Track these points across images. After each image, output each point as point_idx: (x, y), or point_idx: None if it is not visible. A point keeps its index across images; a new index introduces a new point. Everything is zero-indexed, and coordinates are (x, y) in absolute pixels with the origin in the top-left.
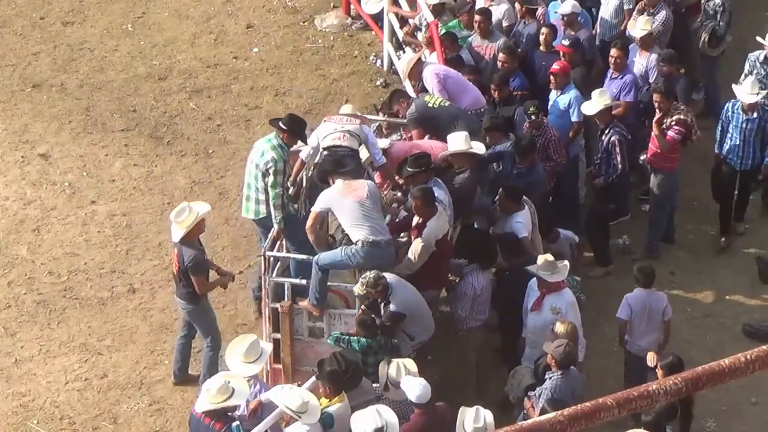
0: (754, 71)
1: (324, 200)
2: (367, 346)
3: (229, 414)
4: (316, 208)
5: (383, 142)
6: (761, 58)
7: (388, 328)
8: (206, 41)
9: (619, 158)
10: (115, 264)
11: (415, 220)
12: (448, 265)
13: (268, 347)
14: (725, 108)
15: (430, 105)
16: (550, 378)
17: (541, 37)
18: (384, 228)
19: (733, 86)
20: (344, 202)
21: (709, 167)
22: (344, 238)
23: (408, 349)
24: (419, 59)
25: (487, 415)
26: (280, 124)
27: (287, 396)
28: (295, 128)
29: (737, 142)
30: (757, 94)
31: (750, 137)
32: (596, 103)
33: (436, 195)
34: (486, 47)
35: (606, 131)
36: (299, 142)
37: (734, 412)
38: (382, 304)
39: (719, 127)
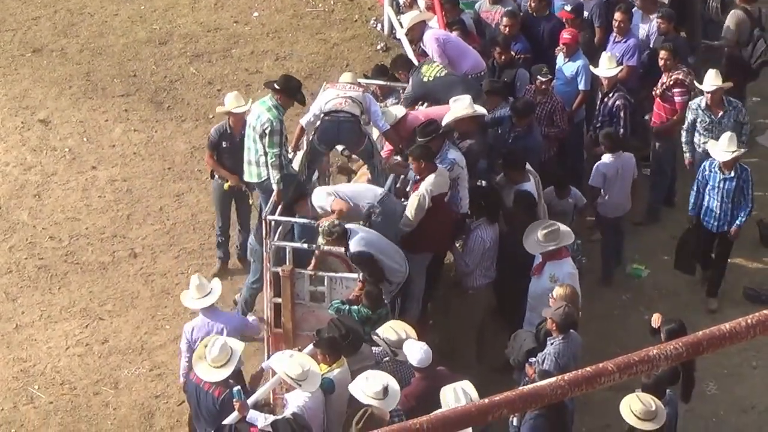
0: (698, 119)
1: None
2: (366, 317)
3: (229, 380)
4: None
5: (399, 110)
6: (703, 104)
7: (371, 274)
8: (206, 5)
9: (622, 122)
10: (116, 229)
11: (416, 177)
12: (447, 229)
13: (217, 285)
14: (701, 168)
15: (425, 80)
16: (552, 343)
17: (528, 3)
18: None
19: (708, 145)
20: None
21: None
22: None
23: (387, 294)
24: (424, 21)
25: (466, 388)
26: (275, 85)
27: (287, 363)
28: (290, 88)
29: (715, 204)
30: (734, 151)
31: (728, 198)
32: (608, 67)
33: (452, 157)
34: (495, 12)
35: (610, 94)
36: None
37: (735, 375)
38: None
39: (694, 188)
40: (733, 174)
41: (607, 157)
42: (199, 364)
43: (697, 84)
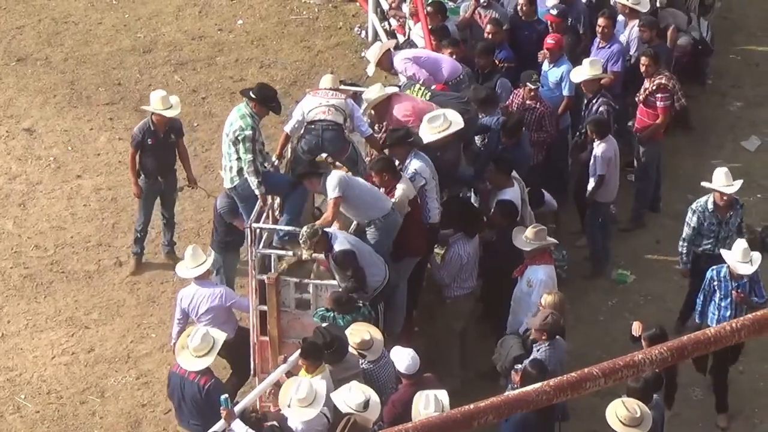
0: (706, 223)
1: (337, 182)
2: (352, 320)
3: (212, 370)
4: (337, 194)
5: (389, 89)
6: (710, 206)
7: (354, 273)
8: (191, 13)
9: None
10: (101, 237)
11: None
12: (422, 232)
13: (211, 256)
14: (709, 276)
15: None
16: (538, 350)
17: (518, 7)
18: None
19: (722, 252)
20: (356, 180)
21: (694, 136)
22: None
23: (365, 298)
24: (388, 50)
25: (439, 395)
26: (250, 93)
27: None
28: (264, 97)
29: (728, 312)
30: (750, 262)
31: (742, 302)
32: (586, 71)
33: (415, 168)
34: (484, 16)
35: (594, 101)
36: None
37: None
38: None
39: (700, 297)
40: (744, 279)
41: (601, 146)
42: (182, 353)
43: (707, 184)
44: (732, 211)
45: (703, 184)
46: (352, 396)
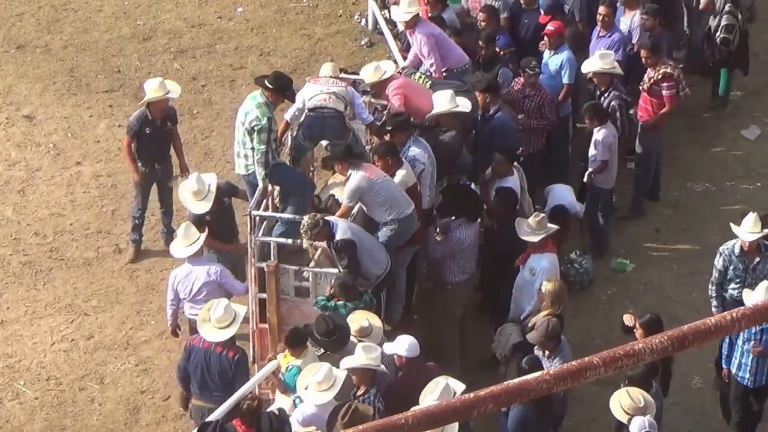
0: (731, 267)
1: (354, 191)
2: (354, 308)
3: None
4: (350, 203)
5: (389, 66)
6: (736, 250)
7: (349, 264)
8: (191, 1)
9: (619, 122)
10: (100, 224)
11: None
12: (421, 219)
13: (204, 234)
14: None
15: None
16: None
17: None
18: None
19: (744, 293)
20: (381, 183)
21: (694, 125)
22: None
23: (367, 286)
24: (419, 14)
25: (450, 383)
26: (266, 82)
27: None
28: (280, 86)
29: (750, 356)
30: None
31: (766, 348)
32: (596, 63)
33: (414, 155)
34: (480, 3)
35: (606, 94)
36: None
37: None
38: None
39: (726, 339)
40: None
41: (602, 131)
42: (204, 325)
43: (734, 227)
44: (759, 257)
45: (732, 225)
46: (362, 351)
